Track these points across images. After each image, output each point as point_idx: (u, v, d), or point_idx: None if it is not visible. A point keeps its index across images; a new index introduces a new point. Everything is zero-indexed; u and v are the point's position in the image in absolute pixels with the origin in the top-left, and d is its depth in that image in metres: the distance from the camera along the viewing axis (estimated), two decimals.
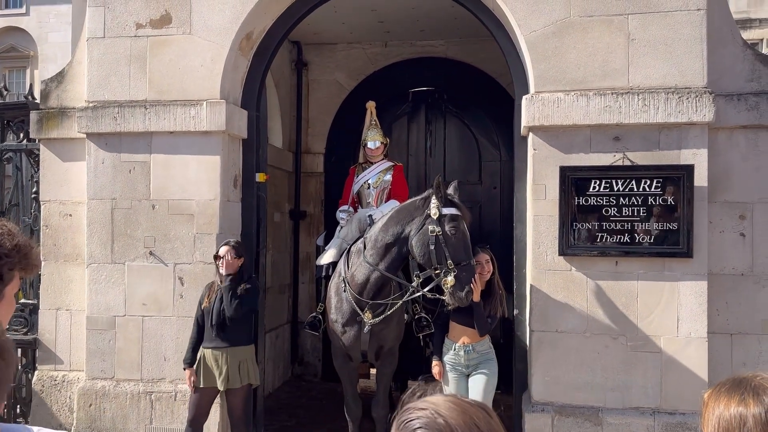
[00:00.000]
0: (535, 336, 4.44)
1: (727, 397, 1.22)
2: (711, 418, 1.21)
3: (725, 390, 1.24)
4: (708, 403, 1.25)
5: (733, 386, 1.23)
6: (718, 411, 1.20)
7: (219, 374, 4.26)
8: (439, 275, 4.01)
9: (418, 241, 4.12)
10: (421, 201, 4.20)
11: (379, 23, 6.68)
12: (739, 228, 4.42)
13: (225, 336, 4.30)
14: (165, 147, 4.89)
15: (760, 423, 1.15)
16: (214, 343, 4.30)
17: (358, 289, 4.48)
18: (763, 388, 1.20)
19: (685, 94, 4.22)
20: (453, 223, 4.03)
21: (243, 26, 4.84)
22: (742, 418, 1.16)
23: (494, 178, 7.10)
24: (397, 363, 4.87)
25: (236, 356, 4.29)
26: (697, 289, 4.23)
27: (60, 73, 5.41)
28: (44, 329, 5.28)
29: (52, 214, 5.27)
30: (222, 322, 4.27)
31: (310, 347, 7.47)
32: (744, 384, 1.23)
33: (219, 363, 4.27)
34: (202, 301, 4.42)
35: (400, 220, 4.27)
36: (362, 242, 4.57)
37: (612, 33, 4.35)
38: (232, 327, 4.29)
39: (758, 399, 1.18)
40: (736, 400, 1.20)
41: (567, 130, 4.38)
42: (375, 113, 5.68)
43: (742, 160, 4.43)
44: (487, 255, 4.29)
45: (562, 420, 4.33)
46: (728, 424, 1.17)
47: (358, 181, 5.52)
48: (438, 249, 4.00)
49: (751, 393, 1.19)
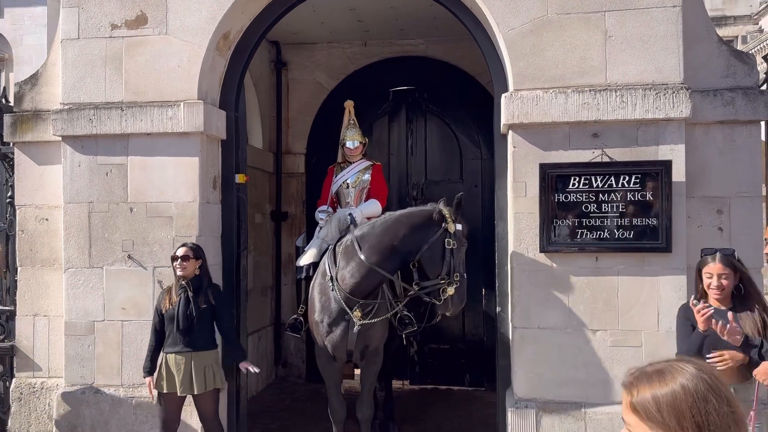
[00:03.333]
0: (518, 333, 4.45)
1: (658, 377, 1.33)
2: (645, 400, 1.31)
3: (649, 373, 1.35)
4: (634, 386, 1.34)
5: (655, 369, 1.35)
6: (652, 392, 1.31)
7: (184, 379, 4.18)
8: (442, 284, 4.24)
9: (434, 252, 4.30)
10: (438, 215, 4.33)
11: (359, 23, 6.66)
12: (717, 222, 4.47)
13: (189, 341, 4.21)
14: (142, 149, 4.83)
15: (691, 394, 1.29)
16: (178, 347, 4.21)
17: (350, 288, 4.45)
18: (679, 368, 1.33)
19: (663, 91, 4.26)
20: (463, 239, 4.35)
21: (220, 26, 4.80)
22: (684, 389, 1.29)
23: (475, 176, 7.12)
24: (381, 363, 4.86)
25: (201, 361, 4.21)
26: (677, 284, 4.27)
27: (34, 75, 5.32)
28: (21, 336, 5.19)
29: (27, 218, 5.19)
30: (189, 326, 4.19)
31: (294, 349, 7.43)
32: (662, 365, 1.36)
33: (182, 368, 4.18)
34: (159, 307, 4.33)
35: (413, 228, 4.36)
36: (352, 241, 4.53)
37: (589, 30, 4.38)
38: (197, 331, 4.21)
39: (681, 372, 1.32)
40: (667, 379, 1.31)
41: (546, 127, 4.40)
42: (353, 112, 5.67)
43: (719, 155, 4.47)
44: (724, 264, 3.37)
45: (545, 416, 4.34)
46: (672, 399, 1.28)
47: (337, 181, 5.51)
48: (448, 261, 4.27)
49: (674, 370, 1.33)
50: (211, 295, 4.28)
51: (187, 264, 4.24)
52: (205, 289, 4.28)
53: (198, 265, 4.28)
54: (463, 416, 6.06)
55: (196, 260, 4.28)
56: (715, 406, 1.27)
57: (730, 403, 1.30)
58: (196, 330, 4.21)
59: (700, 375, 1.32)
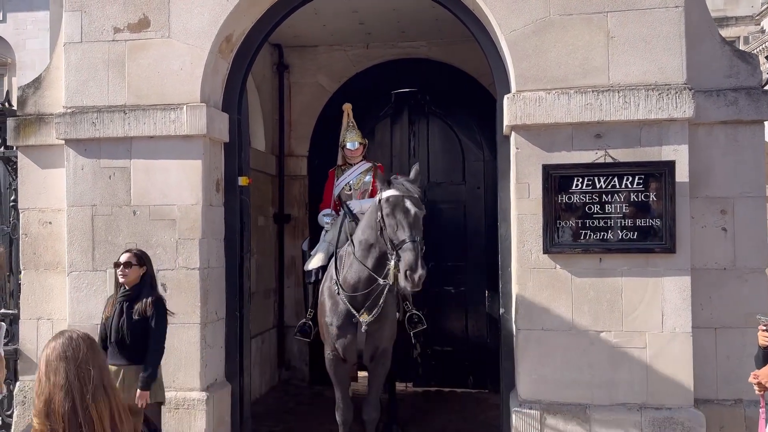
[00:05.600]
0: (522, 334, 4.44)
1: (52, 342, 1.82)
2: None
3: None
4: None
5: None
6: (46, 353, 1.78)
7: (122, 391, 3.76)
8: (390, 261, 3.97)
9: (371, 233, 4.15)
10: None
11: (360, 25, 6.66)
12: (721, 223, 4.46)
13: (123, 353, 3.95)
14: (145, 152, 4.84)
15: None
16: (114, 359, 3.92)
17: (351, 290, 4.47)
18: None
19: (665, 91, 4.25)
20: (387, 204, 4.00)
21: (222, 29, 4.80)
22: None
23: (478, 177, 7.11)
24: (390, 364, 4.85)
25: (135, 375, 3.92)
26: (681, 285, 4.26)
27: (37, 79, 5.33)
28: (25, 339, 5.20)
29: (31, 222, 5.19)
30: (120, 339, 3.94)
31: (297, 352, 7.42)
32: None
33: (119, 380, 3.85)
34: (102, 315, 4.14)
35: (370, 219, 4.32)
36: (350, 243, 4.56)
37: (592, 31, 4.37)
38: (130, 344, 3.94)
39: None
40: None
41: (549, 128, 4.39)
42: (352, 115, 5.70)
43: (723, 155, 4.46)
44: None
45: (549, 417, 4.33)
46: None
47: (339, 184, 5.52)
48: (383, 235, 4.00)
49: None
50: (150, 307, 3.96)
51: (129, 271, 4.00)
52: (145, 300, 3.97)
53: (141, 273, 4.04)
54: (466, 418, 6.05)
55: (140, 267, 4.03)
56: None
57: None
58: (128, 343, 3.94)
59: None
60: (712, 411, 4.35)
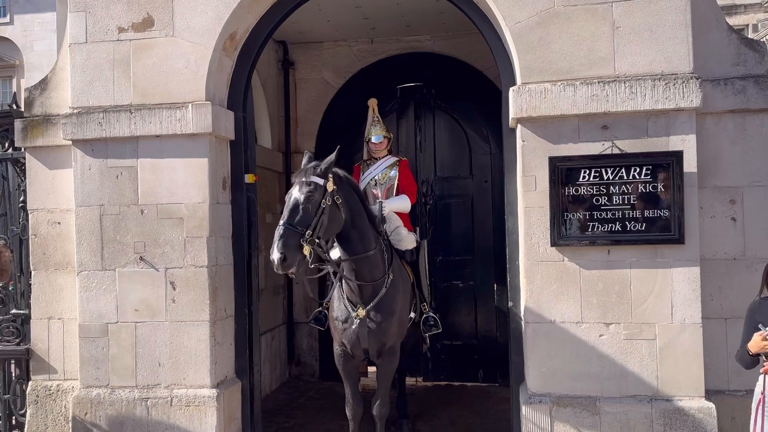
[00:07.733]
0: (530, 328, 4.43)
1: None
2: None
3: None
4: None
5: None
6: None
7: None
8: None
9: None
10: None
11: (365, 20, 6.65)
12: (730, 212, 4.42)
13: None
14: (152, 151, 4.85)
15: None
16: None
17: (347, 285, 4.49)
18: None
19: (672, 81, 4.22)
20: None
21: (226, 26, 4.81)
22: None
23: (485, 171, 7.09)
24: (398, 361, 4.85)
25: None
26: (690, 275, 4.23)
27: (43, 80, 5.36)
28: (37, 339, 5.24)
29: (40, 222, 5.23)
30: None
31: (307, 347, 7.45)
32: None
33: None
34: None
35: None
36: None
37: (597, 21, 4.34)
38: None
39: None
40: None
41: (555, 120, 4.37)
42: (377, 110, 5.70)
43: (731, 144, 4.43)
44: None
45: (559, 410, 4.32)
46: None
47: (364, 179, 5.48)
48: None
49: None
50: None
51: None
52: None
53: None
54: (476, 412, 6.05)
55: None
56: None
57: None
58: None
59: None
60: (724, 402, 4.31)
